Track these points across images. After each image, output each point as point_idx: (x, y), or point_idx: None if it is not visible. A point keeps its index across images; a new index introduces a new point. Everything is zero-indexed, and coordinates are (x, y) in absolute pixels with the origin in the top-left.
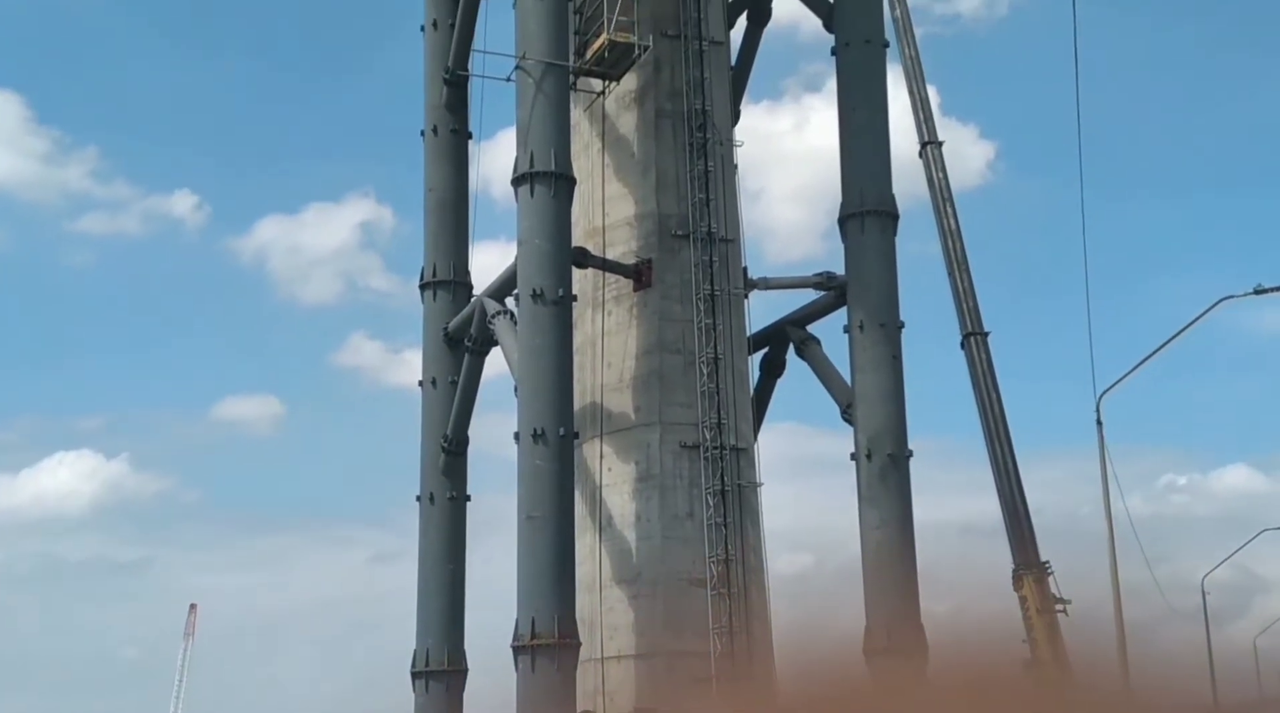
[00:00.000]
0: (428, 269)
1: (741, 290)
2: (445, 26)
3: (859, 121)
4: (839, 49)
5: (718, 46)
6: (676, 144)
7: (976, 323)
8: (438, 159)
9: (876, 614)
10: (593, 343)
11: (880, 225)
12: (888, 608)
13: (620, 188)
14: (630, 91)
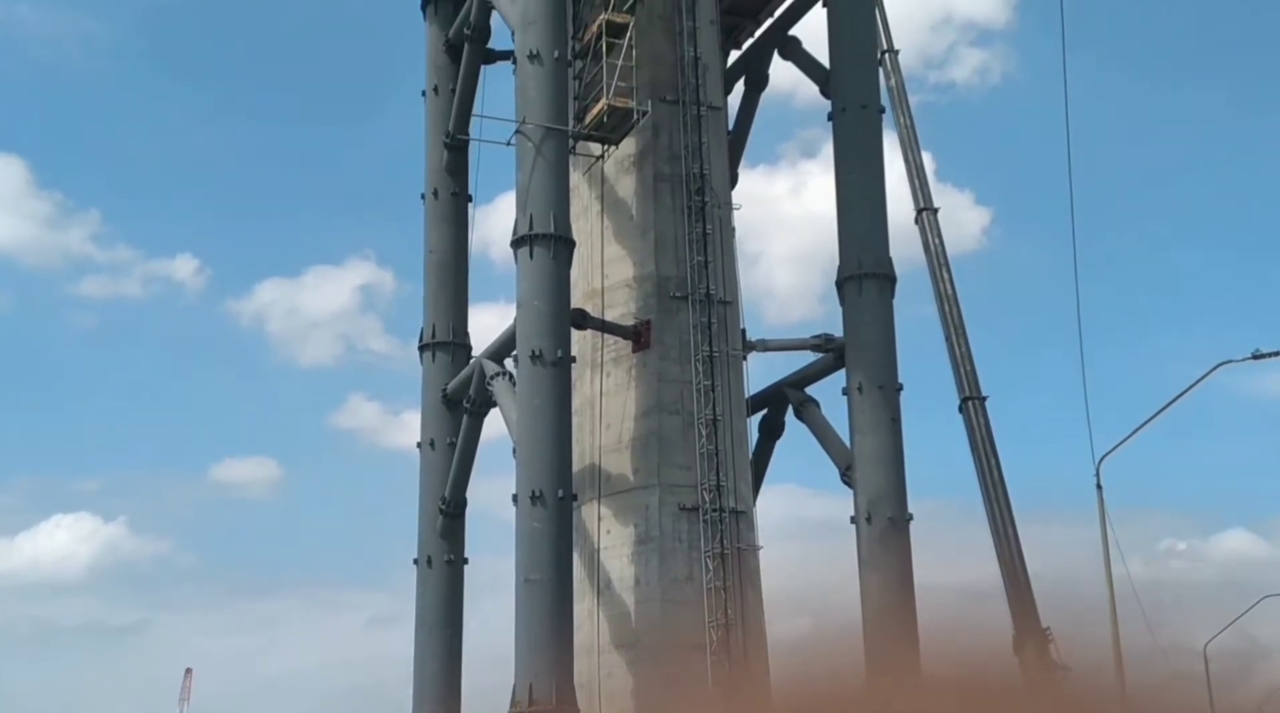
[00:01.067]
0: (427, 330)
1: (740, 352)
2: (446, 92)
3: (856, 185)
4: (835, 114)
5: (715, 112)
6: (675, 207)
7: (974, 388)
8: (438, 221)
9: (878, 677)
10: (591, 404)
11: (878, 288)
12: (889, 671)
13: (619, 250)
14: (629, 155)
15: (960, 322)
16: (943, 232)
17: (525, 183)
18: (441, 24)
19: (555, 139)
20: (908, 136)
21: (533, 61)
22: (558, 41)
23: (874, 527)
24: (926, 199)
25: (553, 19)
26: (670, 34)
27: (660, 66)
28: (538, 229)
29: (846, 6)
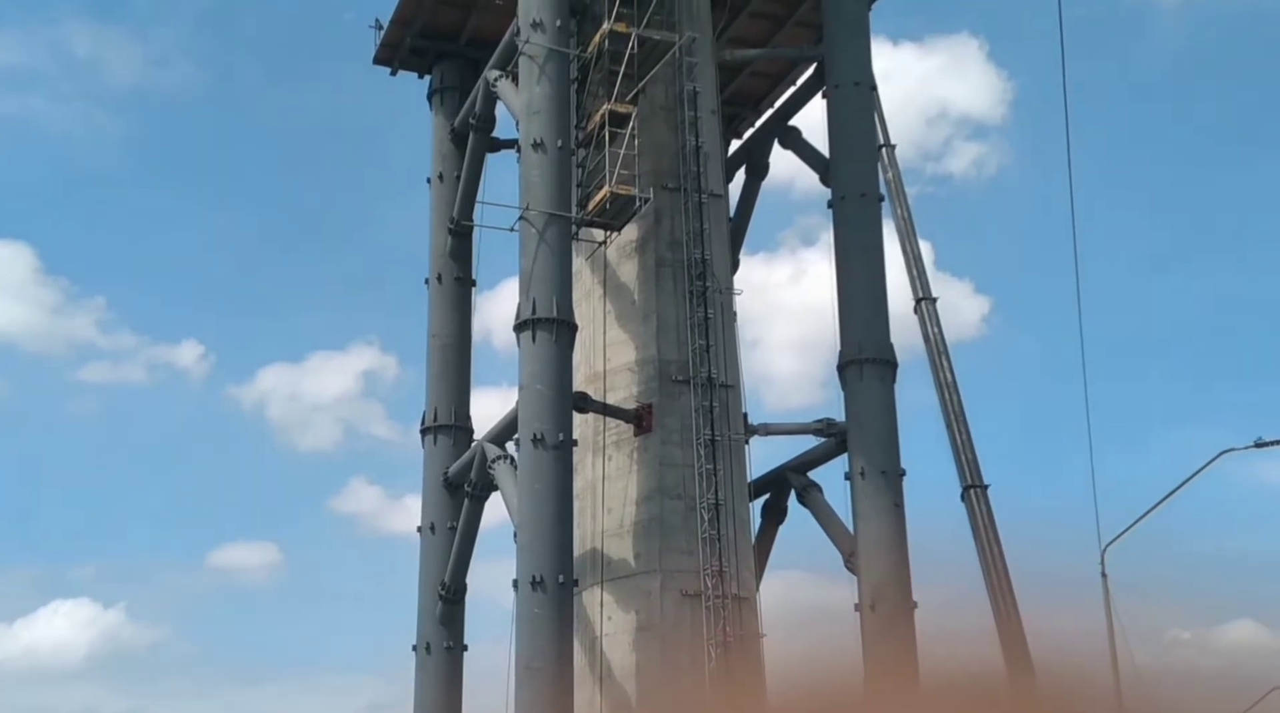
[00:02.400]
0: (429, 414)
1: (742, 436)
2: (451, 179)
3: (856, 271)
4: (835, 202)
5: (717, 199)
6: (677, 292)
7: (976, 476)
8: (441, 306)
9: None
10: (593, 488)
11: (879, 373)
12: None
13: (621, 334)
14: (631, 241)
15: (961, 410)
16: (943, 320)
17: (528, 268)
18: (447, 114)
19: (558, 225)
20: (905, 227)
21: (537, 150)
22: (561, 131)
23: (878, 614)
24: (925, 289)
25: (557, 109)
26: (672, 123)
27: (662, 155)
28: (540, 313)
29: (846, 98)
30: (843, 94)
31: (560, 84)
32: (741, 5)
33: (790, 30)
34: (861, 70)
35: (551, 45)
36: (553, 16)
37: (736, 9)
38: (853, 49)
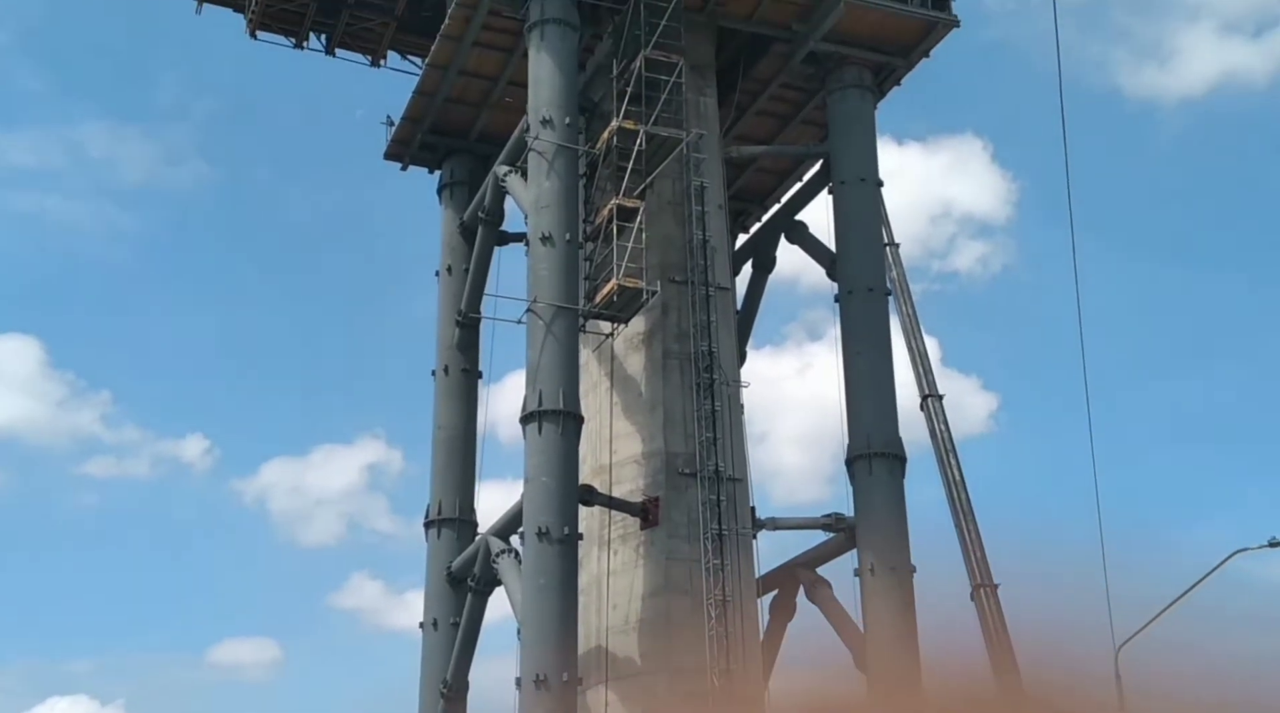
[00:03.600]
0: (433, 507)
1: (750, 530)
2: (459, 272)
3: (864, 365)
4: (842, 296)
5: (724, 292)
6: (684, 384)
7: (985, 575)
8: (448, 398)
9: None
10: (598, 583)
11: (888, 467)
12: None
13: (628, 426)
14: (638, 333)
15: (969, 508)
16: (951, 416)
17: (535, 360)
18: (457, 208)
19: (566, 317)
20: (911, 325)
21: (545, 243)
22: (570, 225)
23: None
24: (931, 386)
25: (565, 203)
26: (680, 218)
27: (670, 248)
28: (547, 405)
29: (852, 193)
30: (849, 189)
31: (569, 179)
32: (748, 104)
33: (796, 128)
34: (867, 166)
35: (561, 142)
36: (562, 114)
37: (743, 107)
38: (858, 145)
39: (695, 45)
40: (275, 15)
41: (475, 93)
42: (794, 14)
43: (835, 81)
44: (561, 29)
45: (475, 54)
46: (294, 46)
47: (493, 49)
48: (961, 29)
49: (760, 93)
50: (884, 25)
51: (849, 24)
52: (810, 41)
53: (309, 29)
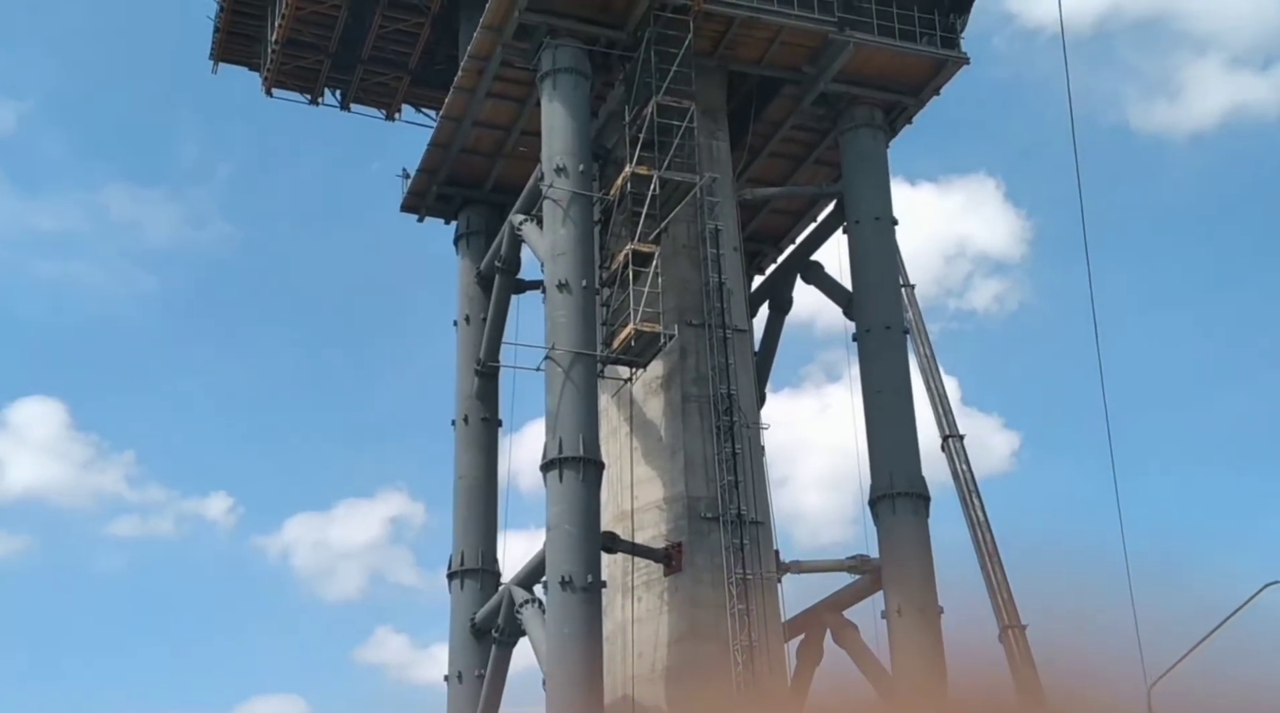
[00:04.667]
0: (456, 558)
1: (774, 574)
2: (477, 321)
3: (884, 404)
4: (860, 335)
5: (741, 334)
6: (704, 427)
7: (1013, 616)
8: (468, 447)
9: None
10: (623, 631)
11: (912, 507)
12: None
13: (649, 471)
14: (657, 377)
15: (994, 548)
16: (973, 456)
17: (555, 406)
18: (474, 257)
19: (584, 363)
20: (929, 366)
21: (562, 290)
22: (586, 271)
23: None
24: (951, 426)
25: (581, 250)
26: (695, 261)
27: (686, 292)
28: (567, 452)
29: (866, 232)
30: (863, 228)
31: (584, 226)
32: (760, 146)
33: (809, 169)
34: (881, 205)
35: (575, 189)
36: (576, 162)
37: (756, 150)
38: (872, 185)
39: (706, 90)
40: (290, 73)
41: (489, 143)
42: (804, 56)
43: (847, 121)
44: (573, 78)
45: (489, 105)
46: (309, 103)
47: (506, 99)
48: (971, 66)
49: (772, 135)
50: (893, 64)
51: (858, 64)
52: (820, 83)
53: (324, 85)
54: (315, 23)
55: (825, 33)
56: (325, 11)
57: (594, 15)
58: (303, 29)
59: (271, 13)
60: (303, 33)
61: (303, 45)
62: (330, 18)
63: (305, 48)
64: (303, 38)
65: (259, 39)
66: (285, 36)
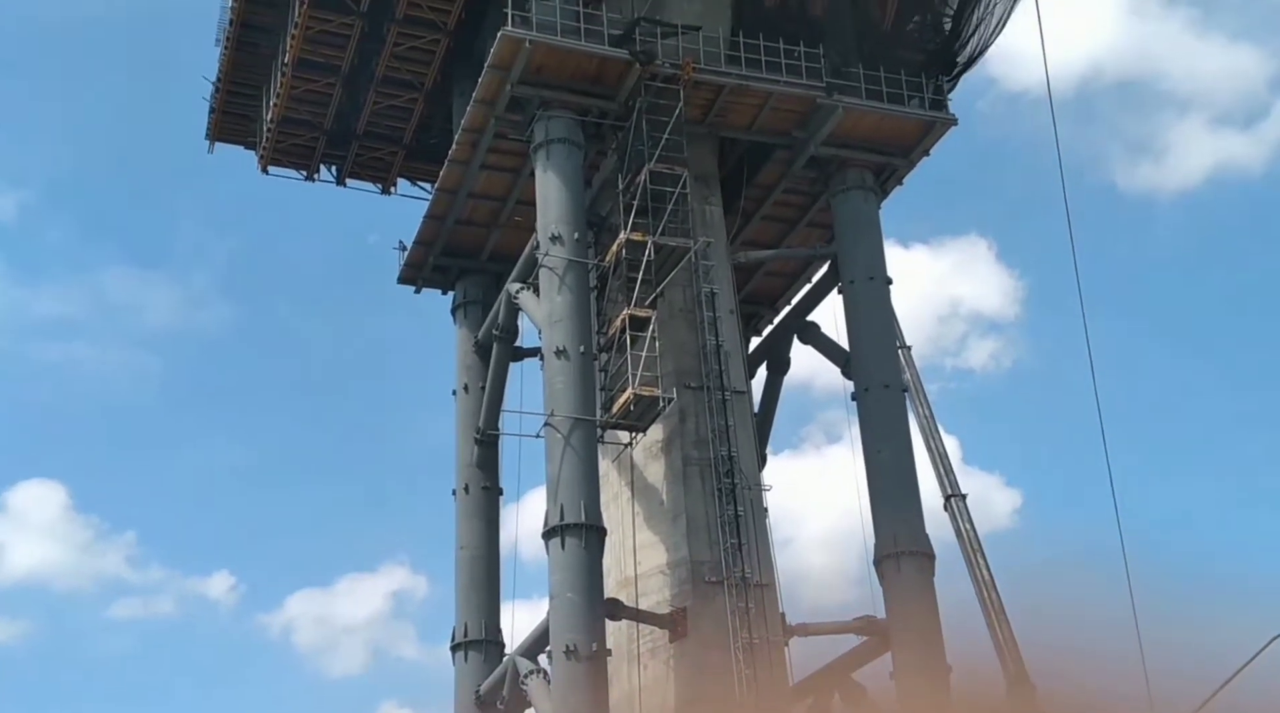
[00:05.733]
0: (459, 629)
1: (781, 637)
2: (476, 390)
3: (885, 463)
4: (859, 394)
5: (740, 396)
6: (705, 490)
7: (1020, 672)
8: (469, 517)
9: None
10: (629, 700)
11: (917, 565)
12: None
13: (651, 536)
14: (657, 441)
15: (1001, 607)
16: (976, 514)
17: (555, 473)
18: (471, 326)
19: (583, 429)
20: (929, 426)
21: (559, 357)
22: (583, 337)
23: None
24: (954, 486)
25: (578, 317)
26: (692, 324)
27: (684, 355)
28: (569, 519)
29: (861, 291)
30: (858, 288)
31: (580, 292)
32: (753, 209)
33: (802, 230)
34: (875, 265)
35: (571, 257)
36: (571, 230)
37: (749, 213)
38: (865, 245)
39: (698, 156)
40: (286, 150)
41: (485, 213)
42: (793, 121)
43: (838, 184)
44: (566, 148)
45: (483, 176)
46: (305, 179)
47: (500, 170)
48: (959, 127)
49: (765, 198)
50: (882, 127)
51: (847, 127)
52: (811, 146)
53: (319, 162)
54: (310, 101)
55: (814, 97)
56: (320, 90)
57: (585, 87)
58: (298, 107)
59: (266, 92)
60: (298, 111)
61: (298, 123)
62: (325, 95)
63: (300, 125)
64: (298, 115)
65: (254, 118)
66: (280, 115)
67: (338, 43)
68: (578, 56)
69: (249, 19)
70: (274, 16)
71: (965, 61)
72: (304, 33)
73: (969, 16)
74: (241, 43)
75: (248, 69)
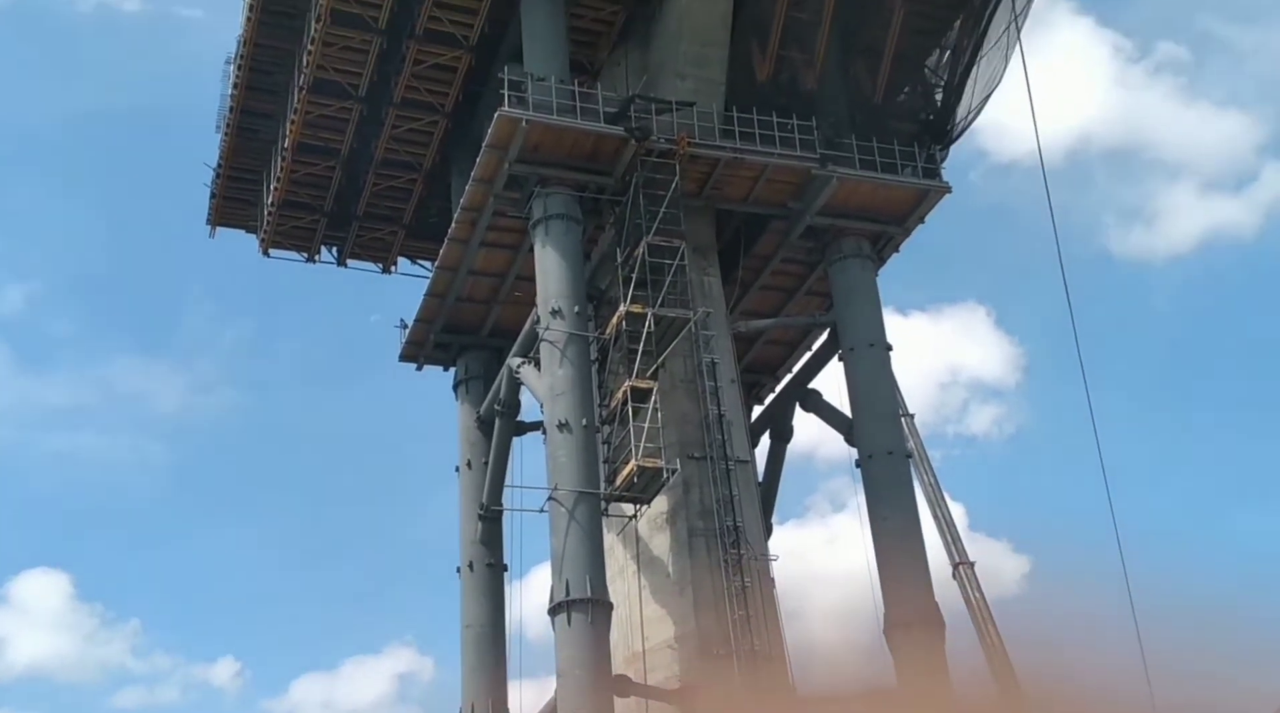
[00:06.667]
0: (466, 709)
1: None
2: (479, 465)
3: (892, 529)
4: (863, 461)
5: (744, 465)
6: (711, 561)
7: None
8: (474, 595)
9: None
10: None
11: (928, 634)
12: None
13: (658, 609)
14: (662, 513)
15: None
16: (984, 582)
17: (560, 548)
18: (473, 402)
19: (587, 502)
20: (934, 494)
21: (562, 430)
22: (585, 410)
23: None
24: (961, 553)
25: (579, 390)
26: (693, 395)
27: (686, 425)
28: (574, 594)
29: (862, 358)
30: (858, 355)
31: (581, 366)
32: (751, 279)
33: (801, 299)
34: (874, 332)
35: (571, 330)
36: (571, 304)
37: (747, 283)
38: (863, 312)
39: (695, 228)
40: (287, 233)
41: (485, 290)
42: (788, 193)
43: (835, 252)
44: (565, 223)
45: (483, 253)
46: (307, 261)
47: (499, 247)
48: (953, 196)
49: (763, 268)
50: (877, 196)
51: (842, 197)
52: (806, 217)
53: (320, 243)
54: (310, 184)
55: (808, 169)
56: (320, 173)
57: (582, 163)
58: (298, 190)
59: (266, 176)
60: (298, 194)
61: (298, 206)
62: (325, 178)
63: (301, 208)
64: (298, 198)
65: (254, 202)
66: (281, 198)
67: (337, 127)
68: (574, 134)
69: (249, 105)
70: (273, 103)
71: (956, 127)
72: (303, 117)
73: (960, 85)
74: (242, 129)
75: (248, 154)
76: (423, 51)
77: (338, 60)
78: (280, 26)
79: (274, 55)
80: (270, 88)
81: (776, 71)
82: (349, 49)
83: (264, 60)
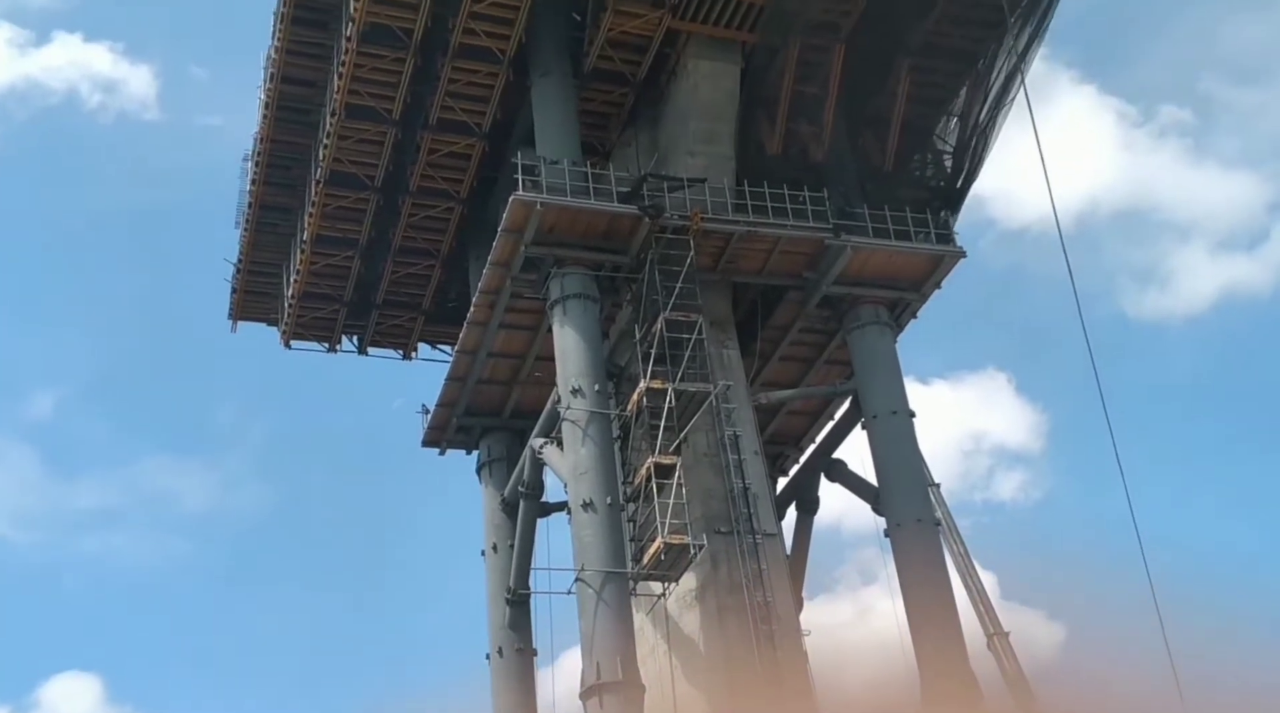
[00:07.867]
0: None
1: None
2: (505, 548)
3: (924, 597)
4: (891, 529)
5: (771, 538)
6: (743, 638)
7: None
8: (504, 681)
9: None
10: None
11: (965, 707)
12: None
13: (691, 689)
14: (690, 590)
15: None
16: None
17: (589, 630)
18: (497, 484)
19: (615, 583)
20: (964, 564)
21: (587, 510)
22: (609, 488)
23: None
24: (995, 624)
25: (603, 468)
26: (717, 468)
27: (711, 500)
28: (605, 677)
29: (885, 426)
30: (881, 423)
31: (604, 444)
32: (770, 351)
33: (821, 368)
34: (896, 399)
35: (592, 408)
36: (591, 382)
37: (766, 355)
38: (884, 380)
39: (712, 302)
40: (307, 324)
41: (505, 371)
42: (803, 263)
43: (853, 321)
44: (582, 302)
45: (502, 335)
46: (328, 351)
47: (518, 329)
48: (968, 261)
49: (781, 339)
50: (892, 263)
51: (857, 266)
52: (823, 286)
53: (340, 333)
54: (329, 275)
55: (821, 239)
56: (338, 263)
57: (598, 243)
58: (318, 282)
59: (286, 269)
60: (318, 285)
61: (318, 297)
62: (344, 269)
63: (320, 299)
64: (318, 290)
65: (275, 295)
66: (301, 290)
67: (354, 217)
68: (588, 214)
69: (267, 200)
70: (291, 197)
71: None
72: (321, 210)
73: (970, 150)
74: (261, 224)
75: (267, 248)
76: (437, 141)
77: (353, 153)
78: (295, 123)
79: (290, 151)
80: (288, 182)
81: (786, 144)
82: (364, 141)
83: (281, 156)
